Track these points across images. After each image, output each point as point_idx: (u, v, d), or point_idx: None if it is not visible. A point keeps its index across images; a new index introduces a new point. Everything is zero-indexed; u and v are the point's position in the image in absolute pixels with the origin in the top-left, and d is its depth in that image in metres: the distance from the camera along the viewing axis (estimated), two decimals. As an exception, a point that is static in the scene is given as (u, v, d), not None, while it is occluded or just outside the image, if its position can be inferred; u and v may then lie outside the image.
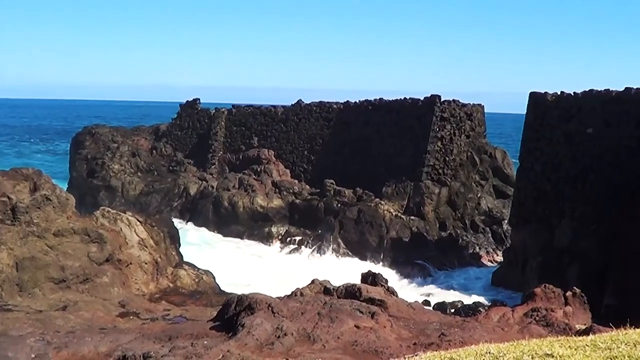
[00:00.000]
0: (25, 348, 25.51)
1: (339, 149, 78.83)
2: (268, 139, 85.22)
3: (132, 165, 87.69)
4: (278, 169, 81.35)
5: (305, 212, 73.38)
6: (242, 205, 75.22)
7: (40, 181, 37.85)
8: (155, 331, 27.22)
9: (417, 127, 71.10)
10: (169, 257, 42.01)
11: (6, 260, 33.12)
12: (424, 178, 69.64)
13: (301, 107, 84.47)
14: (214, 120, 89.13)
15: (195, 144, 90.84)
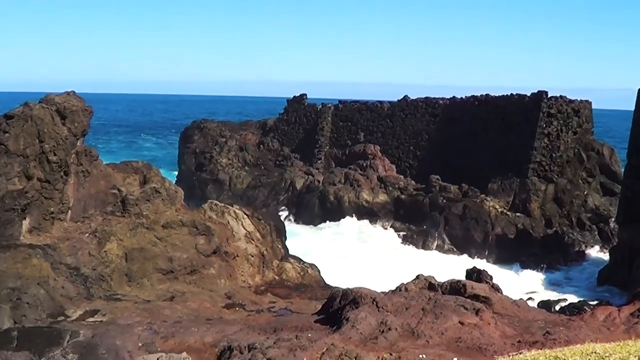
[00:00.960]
0: (133, 336, 26.16)
1: (444, 145, 78.19)
2: (374, 135, 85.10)
3: (240, 159, 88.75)
4: (384, 164, 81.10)
5: (410, 207, 73.02)
6: (347, 200, 75.26)
7: (150, 174, 38.77)
8: (261, 323, 27.63)
9: (523, 123, 69.93)
10: (275, 250, 42.46)
11: (116, 251, 34.08)
12: (530, 174, 68.43)
13: (407, 103, 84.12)
14: (321, 115, 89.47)
15: (301, 139, 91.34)
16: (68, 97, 36.45)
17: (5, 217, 32.46)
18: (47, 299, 29.70)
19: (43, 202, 33.96)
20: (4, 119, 34.27)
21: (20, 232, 33.10)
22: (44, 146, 34.21)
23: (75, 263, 32.91)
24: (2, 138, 33.67)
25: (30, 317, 28.14)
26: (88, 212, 36.02)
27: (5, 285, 29.24)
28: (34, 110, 34.60)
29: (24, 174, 33.68)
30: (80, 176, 36.11)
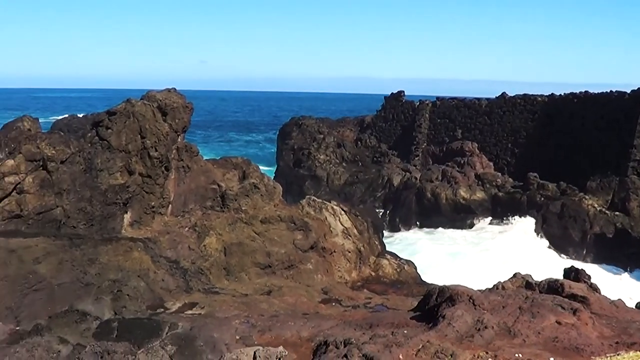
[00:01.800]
0: (231, 329, 26.27)
1: (542, 142, 76.69)
2: (472, 132, 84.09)
3: (337, 155, 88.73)
4: (481, 162, 79.96)
5: (507, 205, 71.85)
6: (444, 197, 74.50)
7: (249, 170, 38.94)
8: (357, 318, 27.44)
9: (623, 120, 67.94)
10: (372, 247, 42.17)
11: (215, 245, 34.34)
12: (629, 173, 66.43)
13: (505, 100, 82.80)
14: (418, 112, 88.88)
15: (399, 136, 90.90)
16: (169, 94, 36.89)
17: (107, 210, 33.07)
18: (147, 291, 30.10)
19: (144, 197, 34.48)
20: (107, 115, 34.91)
21: (122, 225, 33.67)
22: (146, 142, 34.71)
23: (175, 256, 33.31)
24: (105, 134, 34.30)
25: (130, 309, 28.58)
26: (188, 206, 36.42)
27: (106, 277, 29.75)
28: (135, 106, 35.13)
29: (126, 169, 34.24)
30: (181, 171, 36.52)
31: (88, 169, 33.63)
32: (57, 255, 29.84)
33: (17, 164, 32.29)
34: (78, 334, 26.28)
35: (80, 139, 34.98)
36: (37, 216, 31.78)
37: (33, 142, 33.18)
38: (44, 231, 31.31)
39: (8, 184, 31.83)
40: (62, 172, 32.88)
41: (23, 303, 27.48)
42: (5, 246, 29.15)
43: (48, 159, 32.75)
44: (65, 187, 32.64)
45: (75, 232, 31.99)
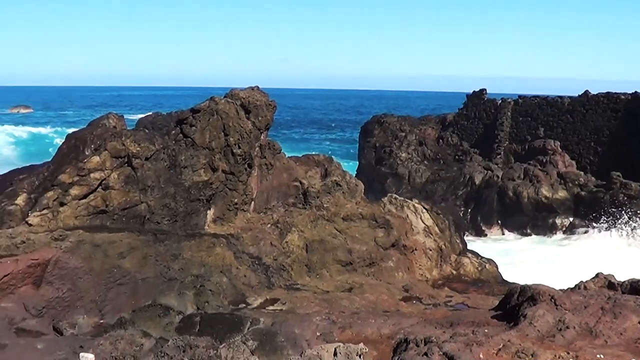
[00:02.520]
0: (312, 326, 26.02)
1: (626, 141, 74.55)
2: (554, 130, 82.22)
3: (419, 153, 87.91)
4: (564, 160, 78.16)
5: (590, 204, 70.16)
6: (526, 196, 73.10)
7: (331, 167, 38.66)
8: (437, 317, 26.93)
9: None
10: (453, 245, 41.47)
11: (297, 242, 34.12)
12: None
13: (588, 98, 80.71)
14: (500, 110, 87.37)
15: (481, 134, 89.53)
16: (252, 92, 36.84)
17: (191, 207, 33.18)
18: (230, 287, 30.07)
19: (227, 194, 34.48)
20: (191, 113, 35.03)
21: (205, 221, 33.72)
22: (229, 139, 34.69)
23: (257, 253, 33.24)
24: (189, 131, 34.41)
25: (212, 304, 28.56)
26: (270, 203, 36.31)
27: (189, 272, 29.82)
28: (219, 104, 35.16)
29: (210, 166, 34.28)
30: (264, 169, 36.44)
31: (172, 166, 33.81)
32: (141, 250, 30.10)
33: (103, 160, 32.67)
34: (161, 328, 26.34)
35: (164, 136, 35.22)
36: (121, 212, 32.09)
37: (118, 139, 33.51)
38: (128, 226, 31.61)
39: (93, 180, 32.23)
40: (146, 168, 33.13)
41: (107, 297, 27.75)
42: (90, 241, 29.51)
43: (133, 155, 33.03)
44: (150, 184, 32.88)
45: (159, 227, 32.22)
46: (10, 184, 35.52)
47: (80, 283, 27.63)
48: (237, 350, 23.07)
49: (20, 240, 29.66)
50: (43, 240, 29.62)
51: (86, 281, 27.79)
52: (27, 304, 26.42)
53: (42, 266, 27.40)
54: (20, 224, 31.67)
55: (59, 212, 31.65)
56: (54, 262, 27.64)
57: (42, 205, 31.85)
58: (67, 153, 34.46)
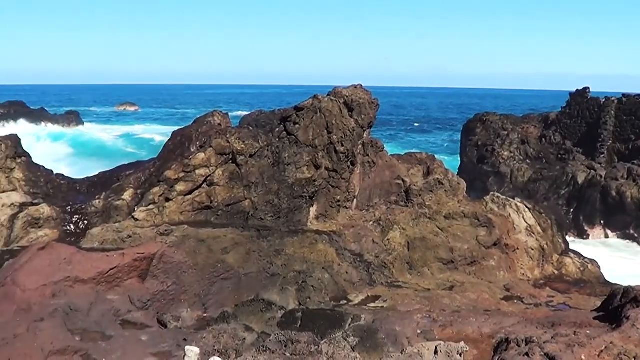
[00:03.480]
0: (412, 323, 25.63)
1: None
2: (660, 129, 79.48)
3: (521, 152, 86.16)
4: (669, 160, 75.48)
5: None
6: (630, 196, 70.80)
7: (433, 165, 38.04)
8: (539, 317, 26.39)
9: None
10: (555, 245, 40.28)
11: (399, 240, 33.63)
12: None
13: (695, 95, 77.77)
14: (604, 109, 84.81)
15: (584, 133, 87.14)
16: (355, 90, 36.46)
17: (294, 203, 33.00)
18: (331, 283, 29.78)
19: (330, 191, 34.18)
20: (295, 111, 34.90)
21: (308, 218, 33.51)
22: (332, 137, 34.39)
23: (359, 250, 32.88)
24: (292, 129, 34.26)
25: (314, 300, 28.33)
26: (373, 201, 35.88)
27: (292, 268, 29.66)
28: (322, 102, 34.90)
29: (313, 164, 34.05)
30: (366, 166, 36.03)
31: (276, 163, 33.72)
32: (245, 246, 30.12)
33: (208, 157, 32.86)
34: (263, 323, 26.24)
35: (268, 133, 35.18)
36: (226, 208, 32.17)
37: (223, 136, 33.62)
38: (232, 222, 31.70)
39: (199, 177, 32.44)
40: (250, 165, 33.14)
41: (211, 291, 27.83)
42: (195, 236, 29.68)
43: (237, 152, 33.09)
44: (254, 180, 32.87)
45: (262, 224, 32.16)
46: (117, 179, 36.06)
47: (184, 277, 27.77)
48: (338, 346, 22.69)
49: (126, 235, 30.06)
50: (149, 234, 29.94)
51: (190, 275, 27.92)
52: (132, 296, 26.65)
53: (147, 260, 27.61)
54: (127, 218, 32.15)
55: (164, 208, 31.97)
56: (159, 256, 27.82)
57: (148, 200, 32.24)
58: (173, 150, 34.79)
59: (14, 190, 34.83)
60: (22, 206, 33.94)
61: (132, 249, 28.34)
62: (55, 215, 33.48)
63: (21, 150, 36.62)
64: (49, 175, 37.56)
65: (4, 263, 28.59)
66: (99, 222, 32.80)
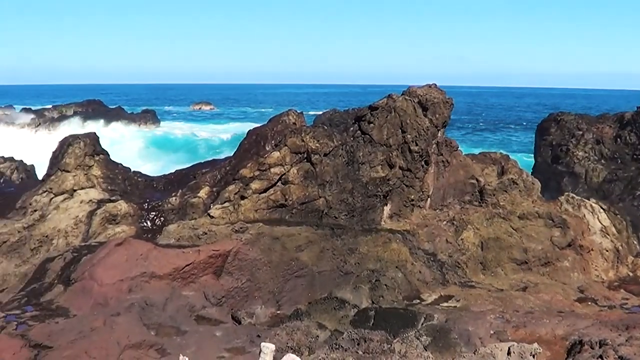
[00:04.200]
0: (485, 324, 25.42)
1: None
2: None
3: (596, 152, 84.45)
4: None
5: None
6: None
7: (507, 165, 37.53)
8: (612, 319, 25.92)
9: None
10: (630, 246, 39.43)
11: (472, 239, 33.28)
12: None
13: None
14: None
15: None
16: (429, 90, 36.16)
17: (368, 202, 32.89)
18: (404, 282, 29.61)
19: (404, 190, 33.98)
20: (369, 110, 34.79)
21: (382, 217, 33.36)
22: (406, 136, 34.18)
23: (432, 249, 32.63)
24: (367, 128, 34.16)
25: (387, 298, 28.20)
26: (446, 200, 35.56)
27: (365, 266, 29.57)
28: (397, 102, 34.71)
29: (387, 163, 33.89)
30: (440, 166, 35.70)
31: (350, 162, 33.64)
32: (319, 244, 30.14)
33: (283, 155, 32.98)
34: (336, 321, 26.20)
35: (342, 132, 35.11)
36: (300, 206, 32.23)
37: (298, 135, 33.69)
38: (306, 220, 31.73)
39: (274, 175, 32.57)
40: (325, 164, 33.13)
41: (285, 288, 27.94)
42: (270, 233, 29.82)
43: (312, 151, 33.11)
44: (328, 179, 32.86)
45: (336, 222, 32.13)
46: (193, 177, 36.50)
47: (258, 274, 27.95)
48: (410, 346, 22.55)
49: (202, 232, 30.37)
50: (224, 232, 30.17)
51: (265, 273, 28.09)
52: (207, 292, 26.97)
53: (222, 257, 27.90)
54: (203, 215, 32.46)
55: (239, 205, 32.18)
56: (234, 253, 28.09)
57: (223, 198, 32.49)
58: (248, 148, 35.04)
59: (92, 187, 35.63)
60: (100, 203, 34.71)
61: (208, 246, 28.70)
62: (132, 212, 34.12)
63: (99, 148, 37.41)
64: (126, 173, 38.29)
65: (82, 258, 29.29)
66: (175, 219, 33.24)
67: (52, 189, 35.15)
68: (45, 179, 36.69)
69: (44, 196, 34.97)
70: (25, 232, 32.93)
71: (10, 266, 31.38)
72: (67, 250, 31.48)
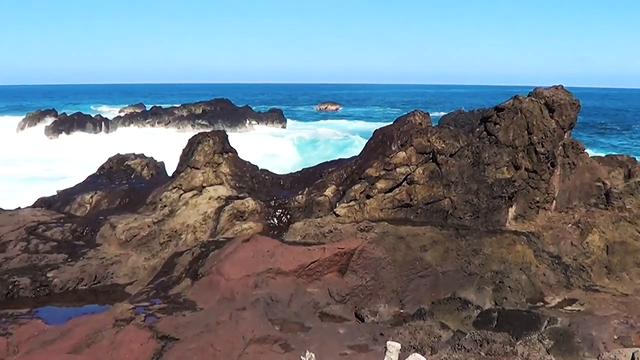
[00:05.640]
0: (609, 329, 25.09)
1: None
2: None
3: None
4: None
5: None
6: None
7: (634, 168, 36.59)
8: None
9: None
10: None
11: (597, 243, 32.69)
12: None
13: None
14: None
15: None
16: (556, 91, 35.61)
17: (493, 203, 32.72)
18: (528, 285, 29.37)
19: (529, 192, 33.62)
20: (495, 111, 34.58)
21: (507, 218, 33.12)
22: (532, 138, 33.81)
23: (556, 252, 32.19)
24: (493, 129, 34.00)
25: (510, 300, 28.07)
26: (572, 203, 34.97)
27: (489, 268, 29.48)
28: (523, 103, 34.38)
29: (512, 164, 33.64)
30: (566, 168, 35.14)
31: (475, 163, 33.54)
32: (443, 244, 30.17)
33: (409, 155, 33.15)
34: (459, 321, 26.31)
35: (468, 133, 35.00)
36: (425, 206, 32.33)
37: (424, 135, 33.80)
38: (431, 220, 31.78)
39: (399, 175, 32.77)
40: (450, 165, 33.14)
41: (408, 287, 28.09)
42: (394, 233, 30.02)
43: (438, 152, 33.18)
44: (454, 180, 32.86)
45: (461, 223, 32.07)
46: (319, 176, 36.95)
47: (383, 273, 28.15)
48: (533, 348, 22.60)
49: (328, 230, 30.84)
50: (349, 230, 30.57)
51: (389, 271, 28.27)
52: (331, 290, 27.29)
53: (347, 255, 28.18)
54: (328, 214, 32.91)
55: (365, 204, 32.51)
56: (359, 251, 28.34)
57: (349, 197, 32.88)
58: (374, 148, 35.26)
59: (220, 184, 36.42)
60: (228, 199, 35.39)
61: (333, 244, 29.07)
62: (259, 209, 34.72)
63: (228, 146, 38.21)
64: (254, 171, 39.03)
65: (210, 253, 30.13)
66: (301, 217, 33.77)
67: (182, 185, 36.22)
68: (175, 175, 37.79)
69: (173, 192, 36.09)
70: (155, 226, 33.97)
71: (139, 259, 32.38)
72: (195, 245, 32.42)
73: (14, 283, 28.76)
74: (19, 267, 30.51)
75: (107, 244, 33.08)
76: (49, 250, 32.25)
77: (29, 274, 29.65)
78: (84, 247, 32.82)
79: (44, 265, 30.71)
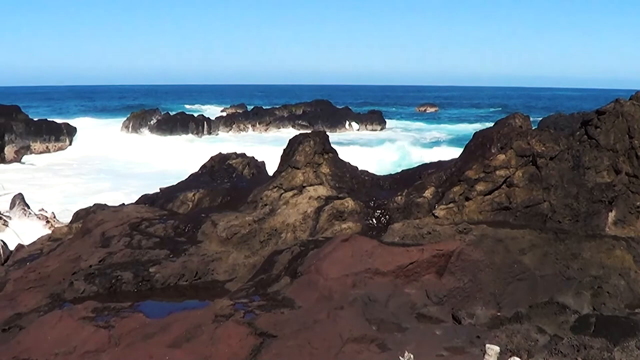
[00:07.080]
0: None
1: None
2: None
3: None
4: None
5: None
6: None
7: None
8: None
9: None
10: None
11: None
12: None
13: None
14: None
15: None
16: (656, 93, 34.98)
17: (592, 208, 32.37)
18: (627, 290, 28.97)
19: (629, 196, 33.09)
20: (596, 114, 34.21)
21: (606, 223, 32.68)
22: (634, 142, 33.32)
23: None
24: (593, 133, 33.66)
25: (608, 306, 27.75)
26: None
27: (588, 273, 29.19)
28: (624, 106, 33.92)
29: (613, 168, 33.21)
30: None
31: (575, 166, 33.24)
32: (542, 248, 29.94)
33: (508, 158, 33.06)
34: (556, 326, 26.20)
35: (568, 136, 34.71)
36: (524, 209, 32.19)
37: (524, 138, 33.67)
38: (530, 224, 31.59)
39: (499, 177, 32.73)
40: (550, 168, 32.92)
41: (506, 290, 28.00)
42: (493, 235, 29.96)
43: (538, 155, 33.01)
44: (553, 183, 32.63)
45: (560, 226, 31.80)
46: (419, 177, 37.19)
47: (480, 275, 28.14)
48: (631, 355, 22.49)
49: (426, 231, 30.98)
50: (448, 232, 30.66)
51: (486, 274, 28.24)
52: (429, 291, 27.40)
53: (445, 257, 28.28)
54: (427, 215, 33.08)
55: (464, 207, 32.62)
56: (457, 253, 28.39)
57: (448, 199, 33.01)
58: (474, 150, 35.26)
59: (320, 184, 36.80)
60: (328, 199, 35.76)
61: (432, 245, 29.19)
62: (358, 209, 35.00)
63: (328, 147, 38.60)
64: (354, 171, 39.43)
65: (309, 252, 30.46)
66: (399, 218, 33.93)
67: (282, 184, 36.66)
68: (276, 175, 38.31)
69: (274, 191, 36.56)
70: (255, 225, 34.41)
71: (240, 257, 32.91)
72: (295, 244, 32.82)
73: (117, 277, 29.71)
74: (122, 262, 31.54)
75: (209, 241, 33.88)
76: (152, 246, 33.28)
77: (132, 268, 30.60)
78: (186, 244, 33.69)
79: (147, 260, 31.65)
